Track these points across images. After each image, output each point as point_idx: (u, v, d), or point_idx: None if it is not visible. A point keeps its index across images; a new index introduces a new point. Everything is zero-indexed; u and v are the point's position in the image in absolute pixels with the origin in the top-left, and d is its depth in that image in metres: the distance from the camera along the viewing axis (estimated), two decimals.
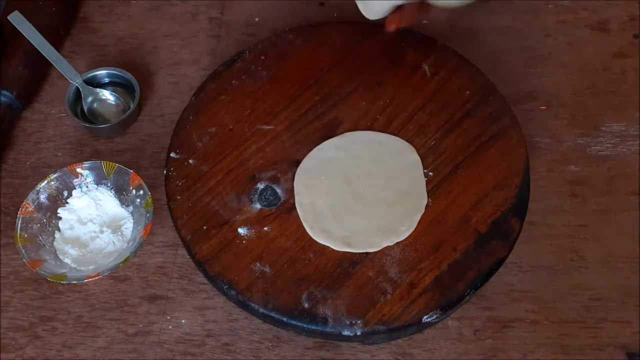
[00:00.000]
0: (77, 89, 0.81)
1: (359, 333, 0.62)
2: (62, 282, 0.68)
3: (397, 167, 0.71)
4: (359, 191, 0.70)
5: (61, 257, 0.70)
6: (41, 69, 0.84)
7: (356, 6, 0.74)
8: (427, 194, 0.69)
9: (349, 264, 0.65)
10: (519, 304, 0.68)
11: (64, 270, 0.68)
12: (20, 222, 0.69)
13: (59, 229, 0.72)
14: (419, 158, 0.71)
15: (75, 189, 0.73)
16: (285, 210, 0.69)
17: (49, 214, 0.72)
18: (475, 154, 0.71)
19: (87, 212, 0.72)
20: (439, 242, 0.66)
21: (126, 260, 0.67)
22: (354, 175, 0.71)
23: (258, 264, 0.66)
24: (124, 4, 0.92)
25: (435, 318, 0.63)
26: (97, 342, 0.68)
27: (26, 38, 0.80)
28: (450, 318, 0.68)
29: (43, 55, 0.80)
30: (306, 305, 0.63)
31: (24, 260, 0.67)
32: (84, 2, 0.92)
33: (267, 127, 0.74)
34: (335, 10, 0.89)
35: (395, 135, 0.73)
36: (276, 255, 0.66)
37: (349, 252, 0.66)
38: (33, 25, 0.80)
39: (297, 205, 0.69)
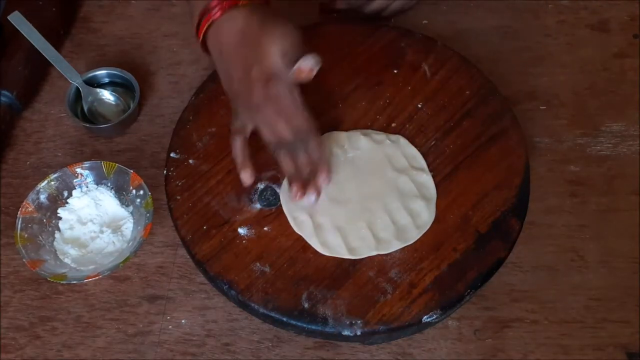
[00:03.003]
0: (77, 89, 0.81)
1: (359, 333, 0.62)
2: (62, 282, 0.68)
3: (401, 167, 0.71)
4: (356, 192, 0.69)
5: (61, 257, 0.70)
6: (41, 69, 0.84)
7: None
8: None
9: (349, 264, 0.65)
10: (519, 304, 0.68)
11: (63, 270, 0.68)
12: (20, 222, 0.69)
13: (59, 229, 0.72)
14: (423, 160, 0.71)
15: (75, 189, 0.73)
16: None
17: (49, 214, 0.72)
18: (475, 154, 0.71)
19: (87, 212, 0.72)
20: (439, 242, 0.66)
21: (126, 260, 0.67)
22: (348, 176, 0.71)
23: (258, 264, 0.66)
24: (124, 4, 0.92)
25: (435, 318, 0.63)
26: (97, 342, 0.68)
27: (26, 38, 0.80)
28: (450, 318, 0.68)
29: (43, 55, 0.80)
30: (306, 305, 0.63)
31: (24, 260, 0.67)
32: (84, 2, 0.92)
33: None
34: (336, 10, 0.89)
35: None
36: (276, 255, 0.66)
37: None
38: (33, 25, 0.80)
39: (284, 208, 0.69)
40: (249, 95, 0.65)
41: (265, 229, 0.68)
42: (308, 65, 0.64)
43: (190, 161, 0.72)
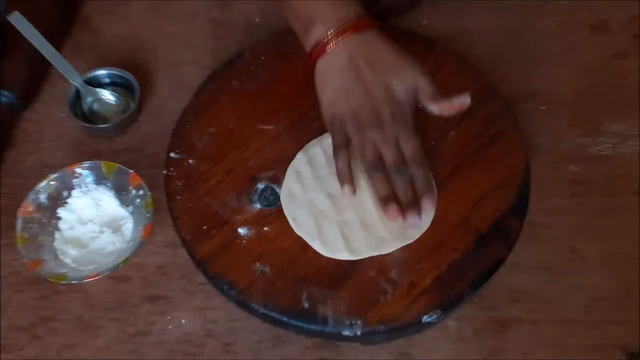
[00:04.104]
0: (77, 89, 0.81)
1: (359, 333, 0.62)
2: (62, 282, 0.68)
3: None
4: (356, 192, 0.69)
5: (61, 257, 0.70)
6: (41, 69, 0.84)
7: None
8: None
9: (349, 264, 0.65)
10: (519, 304, 0.68)
11: (64, 271, 0.68)
12: (20, 222, 0.69)
13: (59, 229, 0.72)
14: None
15: (75, 189, 0.73)
16: None
17: (48, 214, 0.72)
18: (475, 154, 0.72)
19: (87, 212, 0.72)
20: (439, 242, 0.66)
21: (126, 260, 0.67)
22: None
23: (258, 264, 0.66)
24: (124, 4, 0.92)
25: (435, 318, 0.63)
26: (97, 342, 0.68)
27: (26, 38, 0.80)
28: (450, 318, 0.68)
29: (43, 55, 0.80)
30: (306, 305, 0.63)
31: (24, 260, 0.67)
32: (84, 2, 0.92)
33: (267, 127, 0.74)
34: None
35: None
36: (276, 255, 0.66)
37: None
38: (33, 25, 0.80)
39: (284, 208, 0.69)
40: (371, 111, 0.67)
41: (265, 229, 0.68)
42: (464, 104, 0.68)
43: (190, 161, 0.72)
